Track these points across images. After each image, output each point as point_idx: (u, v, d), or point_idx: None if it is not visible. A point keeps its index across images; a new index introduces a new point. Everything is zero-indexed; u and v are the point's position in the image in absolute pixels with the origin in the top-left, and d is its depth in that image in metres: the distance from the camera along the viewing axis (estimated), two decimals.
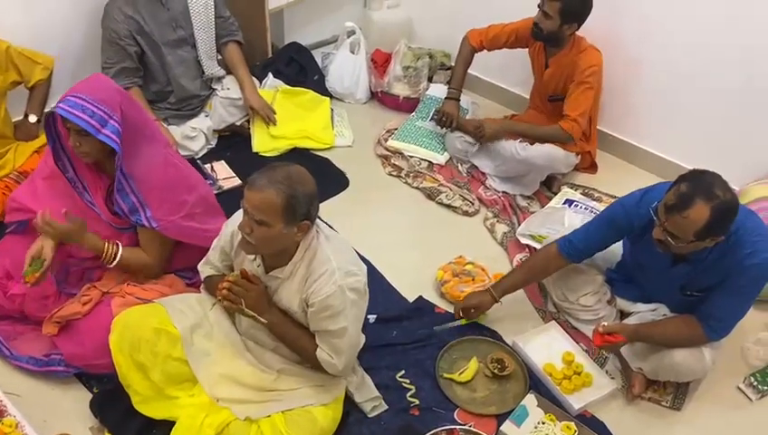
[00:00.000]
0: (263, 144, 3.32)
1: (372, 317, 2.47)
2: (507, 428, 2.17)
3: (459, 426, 2.16)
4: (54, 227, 2.07)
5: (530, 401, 2.23)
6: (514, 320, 2.51)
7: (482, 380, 2.34)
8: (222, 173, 3.15)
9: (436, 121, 3.32)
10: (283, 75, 3.61)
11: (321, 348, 1.93)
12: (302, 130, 3.39)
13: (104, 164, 2.18)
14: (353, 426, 2.15)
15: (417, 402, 2.24)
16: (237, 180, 3.10)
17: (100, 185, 2.23)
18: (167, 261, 2.32)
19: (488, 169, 3.22)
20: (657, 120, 3.25)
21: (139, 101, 2.91)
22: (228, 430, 1.92)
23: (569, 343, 2.45)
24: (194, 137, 3.21)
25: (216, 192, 2.96)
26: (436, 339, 2.46)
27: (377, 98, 3.78)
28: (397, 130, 3.49)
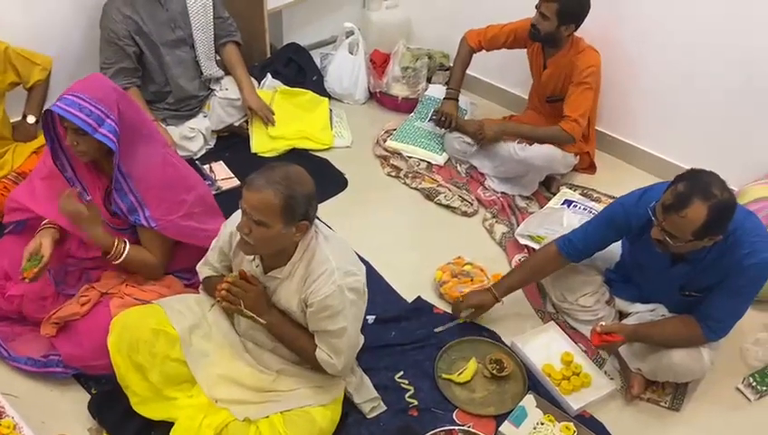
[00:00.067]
0: (261, 145, 3.32)
1: (371, 318, 2.47)
2: (506, 428, 2.17)
3: (458, 426, 2.16)
4: (75, 204, 2.06)
5: (529, 401, 2.23)
6: (513, 320, 2.51)
7: (481, 380, 2.34)
8: (220, 174, 3.15)
9: (434, 122, 3.33)
10: (281, 76, 3.62)
11: (321, 348, 1.93)
12: (300, 130, 3.39)
13: (102, 164, 2.18)
14: (352, 427, 2.14)
15: (416, 403, 2.24)
16: (236, 181, 3.10)
17: (98, 185, 2.22)
18: (168, 261, 2.32)
19: (487, 169, 3.22)
20: (656, 121, 3.26)
21: (137, 101, 2.91)
22: (227, 431, 1.91)
23: (568, 344, 2.45)
24: (192, 137, 3.21)
25: (215, 193, 2.96)
26: (435, 340, 2.46)
27: (375, 98, 3.79)
28: (395, 130, 3.49)
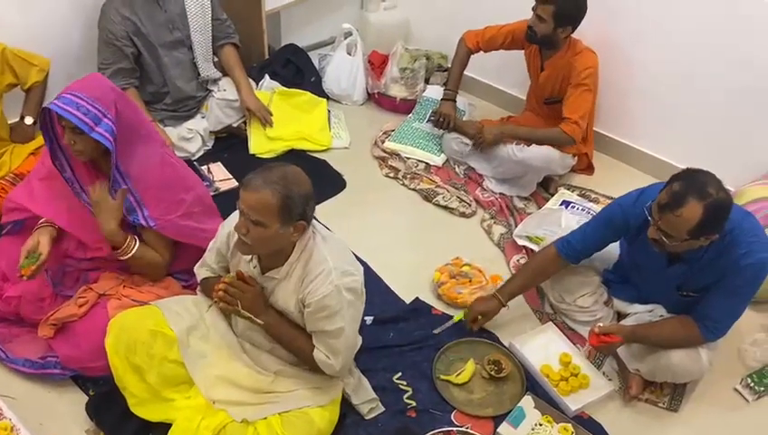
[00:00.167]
0: (259, 146, 3.31)
1: (369, 319, 2.47)
2: (504, 429, 2.17)
3: (456, 428, 2.16)
4: (105, 193, 2.09)
5: (527, 402, 2.23)
6: (511, 321, 2.50)
7: (479, 381, 2.34)
8: (219, 175, 3.15)
9: (433, 123, 3.32)
10: (279, 77, 3.61)
11: (318, 349, 1.93)
12: (298, 131, 3.39)
13: (101, 164, 2.18)
14: (350, 428, 2.14)
15: (414, 404, 2.24)
16: (234, 182, 3.10)
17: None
18: (172, 261, 2.32)
19: (485, 170, 3.22)
20: (654, 122, 3.26)
21: (135, 101, 2.90)
22: (225, 432, 1.90)
23: (566, 345, 2.45)
24: (190, 138, 3.21)
25: (213, 194, 2.96)
26: (434, 341, 2.45)
27: (374, 99, 3.79)
28: (394, 131, 3.48)
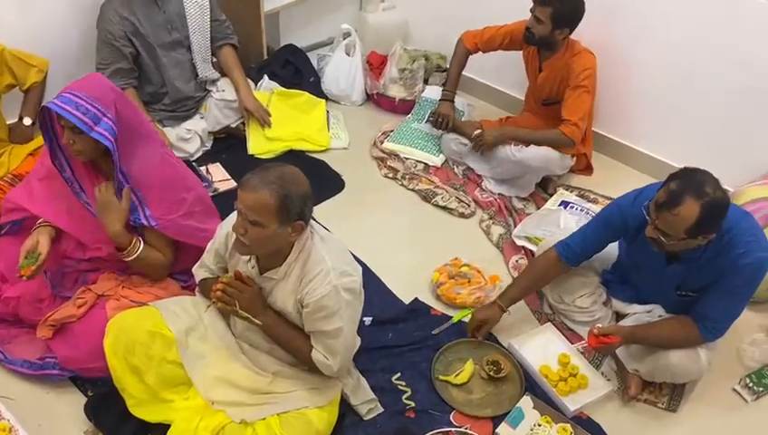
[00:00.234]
0: (258, 146, 3.31)
1: (368, 319, 2.47)
2: (503, 430, 2.17)
3: (455, 428, 2.16)
4: (111, 195, 2.09)
5: (526, 403, 2.23)
6: (510, 322, 2.50)
7: (478, 382, 2.34)
8: (217, 175, 3.14)
9: (431, 123, 3.33)
10: (278, 77, 3.61)
11: (317, 349, 1.93)
12: (297, 132, 3.39)
13: (100, 164, 2.17)
14: (349, 429, 2.14)
15: (413, 405, 2.24)
16: (233, 183, 3.09)
17: (96, 185, 2.20)
18: (174, 261, 2.31)
19: (484, 171, 3.22)
20: (653, 122, 3.26)
21: (134, 101, 2.90)
22: (223, 433, 1.90)
23: (565, 345, 2.45)
24: (189, 139, 3.21)
25: (212, 194, 2.96)
26: (432, 341, 2.46)
27: (372, 100, 3.79)
28: (392, 132, 3.48)
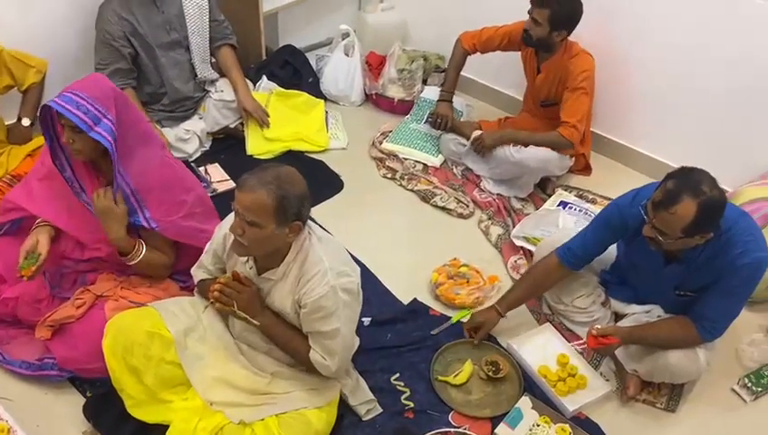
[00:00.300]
0: (257, 147, 3.31)
1: (367, 320, 2.47)
2: (502, 430, 2.17)
3: (454, 429, 2.16)
4: (109, 201, 2.08)
5: (524, 403, 2.23)
6: (509, 322, 2.50)
7: (476, 382, 2.34)
8: (216, 176, 3.14)
9: (430, 124, 3.33)
10: (277, 78, 3.61)
11: (314, 349, 1.93)
12: (296, 132, 3.39)
13: (100, 164, 2.17)
14: (348, 429, 2.14)
15: (412, 405, 2.24)
16: (231, 183, 3.08)
17: (96, 185, 2.20)
18: (175, 260, 2.31)
19: (483, 171, 3.22)
20: (651, 122, 3.26)
21: (133, 102, 2.90)
22: (222, 434, 1.90)
23: (563, 345, 2.45)
24: (187, 139, 3.21)
25: (211, 195, 2.94)
26: (431, 341, 2.46)
27: (371, 100, 3.79)
28: (391, 132, 3.48)
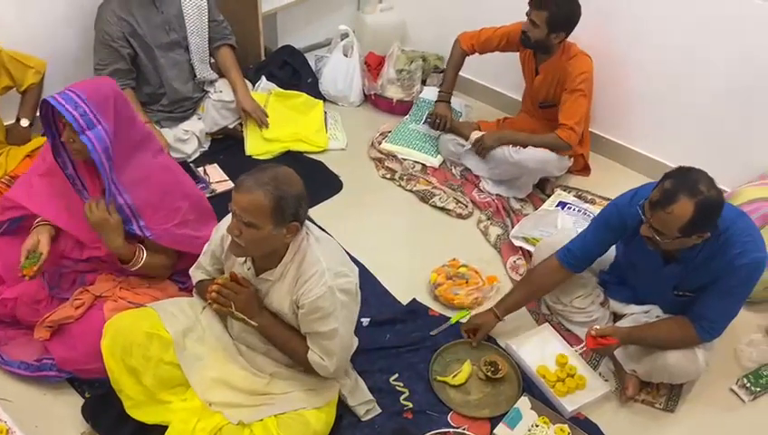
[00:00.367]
0: (256, 147, 3.31)
1: (366, 320, 2.47)
2: (501, 431, 2.17)
3: (453, 429, 2.16)
4: (102, 212, 2.06)
5: (523, 403, 2.23)
6: (508, 322, 2.49)
7: (475, 383, 2.34)
8: (215, 176, 3.14)
9: (429, 124, 3.33)
10: (276, 78, 3.61)
11: (313, 350, 1.93)
12: (295, 133, 3.39)
13: None
14: (346, 429, 2.14)
15: (411, 406, 2.24)
16: (230, 184, 3.08)
17: (97, 184, 2.20)
18: (176, 260, 2.31)
19: (482, 171, 3.22)
20: (650, 123, 3.26)
21: (131, 102, 2.89)
22: None
23: (562, 346, 2.45)
24: (186, 140, 3.21)
25: (209, 195, 2.96)
26: (430, 342, 2.46)
27: (370, 101, 3.79)
28: (390, 132, 3.49)
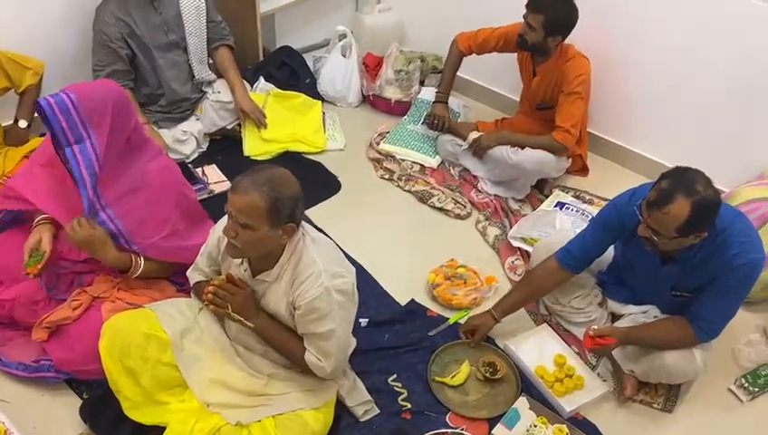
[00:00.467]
0: (254, 148, 3.31)
1: (364, 321, 2.47)
2: (499, 431, 2.17)
3: (451, 429, 2.16)
4: (85, 230, 2.03)
5: (521, 404, 2.23)
6: (506, 323, 2.49)
7: (474, 383, 2.34)
8: (213, 177, 3.13)
9: (427, 125, 3.33)
10: (274, 79, 3.61)
11: (310, 351, 1.93)
12: (293, 133, 3.39)
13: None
14: (345, 430, 2.14)
15: (409, 406, 2.24)
16: (228, 184, 3.07)
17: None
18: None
19: (480, 172, 3.22)
20: (648, 123, 3.26)
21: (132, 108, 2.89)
22: None
23: (560, 346, 2.45)
24: (185, 140, 3.20)
25: (207, 196, 2.97)
26: (429, 342, 2.45)
27: (369, 101, 3.79)
28: (389, 133, 3.49)
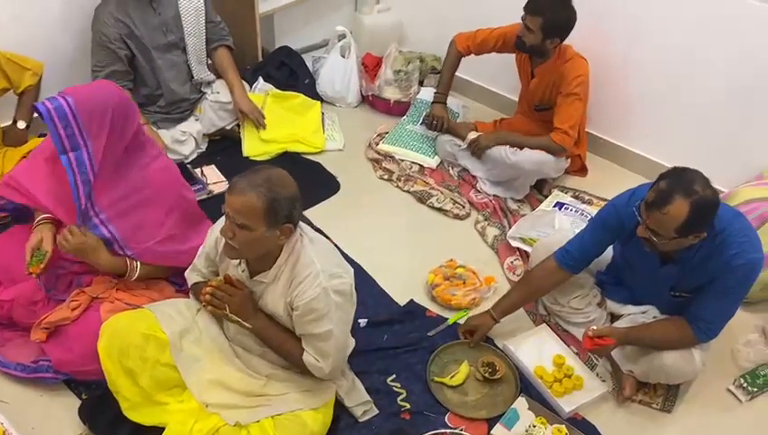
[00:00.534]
0: (253, 148, 3.31)
1: (363, 321, 2.47)
2: (498, 431, 2.17)
3: (450, 430, 2.16)
4: (77, 239, 2.04)
5: (521, 404, 2.23)
6: (505, 323, 2.49)
7: (473, 383, 2.34)
8: (212, 178, 3.14)
9: (426, 125, 3.33)
10: (273, 79, 3.61)
11: (308, 352, 1.93)
12: (292, 134, 3.38)
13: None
14: (344, 431, 2.14)
15: (408, 406, 2.24)
16: (227, 184, 3.09)
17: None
18: None
19: (479, 172, 3.22)
20: (648, 123, 3.26)
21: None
22: None
23: (559, 346, 2.45)
24: (184, 141, 3.20)
25: (206, 196, 2.97)
26: (428, 343, 2.45)
27: (368, 102, 3.79)
28: (388, 133, 3.49)
